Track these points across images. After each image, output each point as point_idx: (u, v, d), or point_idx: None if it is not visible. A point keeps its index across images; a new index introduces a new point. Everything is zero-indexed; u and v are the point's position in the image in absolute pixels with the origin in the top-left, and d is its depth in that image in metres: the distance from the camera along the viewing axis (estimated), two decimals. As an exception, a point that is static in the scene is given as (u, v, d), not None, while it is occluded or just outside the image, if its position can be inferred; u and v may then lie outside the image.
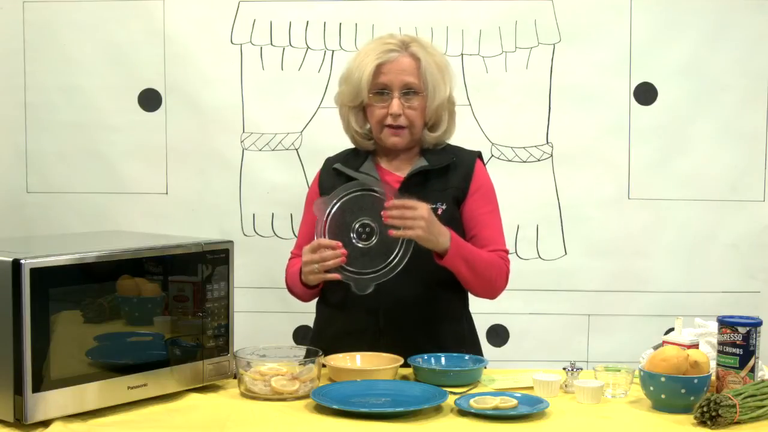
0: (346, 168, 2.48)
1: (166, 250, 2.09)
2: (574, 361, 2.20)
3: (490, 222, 2.47)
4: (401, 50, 2.42)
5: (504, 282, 2.47)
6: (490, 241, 2.45)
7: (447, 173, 2.46)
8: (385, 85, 2.41)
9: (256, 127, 3.44)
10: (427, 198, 2.38)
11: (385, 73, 2.41)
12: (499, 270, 2.44)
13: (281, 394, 2.05)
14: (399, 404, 1.97)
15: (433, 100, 2.42)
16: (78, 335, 1.92)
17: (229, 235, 3.03)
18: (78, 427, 1.86)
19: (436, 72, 2.42)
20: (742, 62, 3.38)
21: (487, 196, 2.49)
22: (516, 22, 3.40)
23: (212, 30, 3.43)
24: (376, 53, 2.41)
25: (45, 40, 3.44)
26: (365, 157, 2.51)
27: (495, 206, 2.51)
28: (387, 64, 2.40)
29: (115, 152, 3.47)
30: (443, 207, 2.41)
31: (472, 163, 2.50)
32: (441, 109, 2.45)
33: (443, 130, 2.48)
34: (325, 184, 2.52)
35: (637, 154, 3.41)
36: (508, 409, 1.94)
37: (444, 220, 2.36)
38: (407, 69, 2.41)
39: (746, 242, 3.43)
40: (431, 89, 2.41)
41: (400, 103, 2.40)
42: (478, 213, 2.46)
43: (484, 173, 2.52)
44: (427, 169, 2.44)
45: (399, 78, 2.40)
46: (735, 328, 2.08)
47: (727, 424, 1.88)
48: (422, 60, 2.41)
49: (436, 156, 2.48)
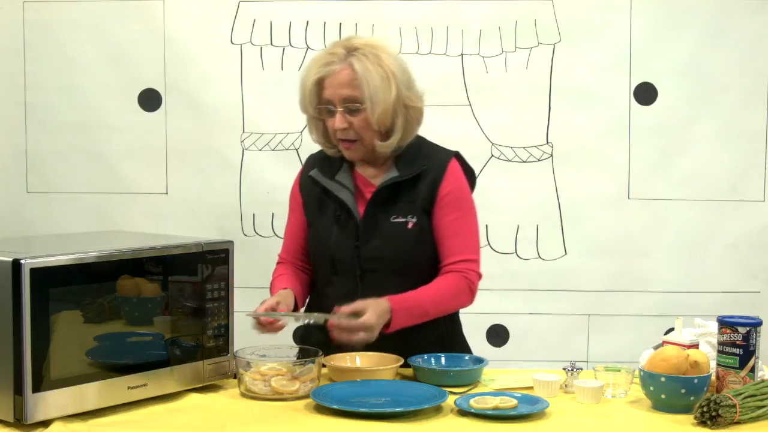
0: (321, 177, 2.43)
1: (166, 250, 2.09)
2: (574, 361, 2.20)
3: (457, 229, 2.40)
4: (341, 61, 2.32)
5: (468, 297, 2.41)
6: (454, 251, 2.38)
7: (417, 182, 2.38)
8: (328, 101, 2.34)
9: (256, 127, 3.44)
10: (398, 211, 2.36)
11: (326, 87, 2.33)
12: (458, 294, 2.38)
13: (281, 394, 2.05)
14: (399, 404, 1.97)
15: (374, 110, 2.30)
16: (78, 335, 1.92)
17: (229, 235, 3.02)
18: (78, 427, 1.86)
19: (376, 80, 2.30)
20: (742, 62, 3.38)
21: (455, 201, 2.40)
22: (516, 22, 3.40)
23: (212, 30, 3.43)
24: (318, 66, 2.34)
25: (45, 40, 3.44)
26: (342, 161, 2.44)
27: (465, 210, 2.42)
28: (328, 78, 2.32)
29: (115, 152, 3.47)
30: (413, 220, 2.36)
31: (443, 167, 2.40)
32: (387, 117, 2.33)
33: (397, 137, 2.36)
34: (304, 188, 2.49)
35: (637, 154, 3.41)
36: (508, 409, 1.94)
37: (414, 235, 2.35)
38: (346, 82, 2.31)
39: (746, 242, 3.43)
40: (369, 100, 2.30)
41: (343, 117, 2.32)
42: (444, 222, 2.38)
43: (455, 176, 2.42)
44: (397, 180, 2.38)
45: (338, 92, 2.31)
46: (735, 328, 2.07)
47: (727, 424, 1.88)
48: (358, 70, 2.30)
49: (408, 164, 2.39)
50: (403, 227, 2.36)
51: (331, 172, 2.44)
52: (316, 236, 2.45)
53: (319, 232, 2.44)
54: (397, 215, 2.37)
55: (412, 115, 2.39)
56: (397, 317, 2.24)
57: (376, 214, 2.38)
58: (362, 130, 2.34)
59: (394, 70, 2.34)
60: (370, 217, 2.38)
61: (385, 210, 2.38)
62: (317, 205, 2.45)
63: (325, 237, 2.41)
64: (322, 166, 2.47)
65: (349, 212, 2.39)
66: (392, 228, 2.37)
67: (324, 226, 2.42)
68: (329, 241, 2.40)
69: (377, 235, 2.37)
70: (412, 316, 2.29)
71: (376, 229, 2.37)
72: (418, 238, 2.36)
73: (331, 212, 2.42)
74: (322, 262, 2.45)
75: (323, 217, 2.43)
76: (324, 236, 2.42)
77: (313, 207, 2.46)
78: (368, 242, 2.37)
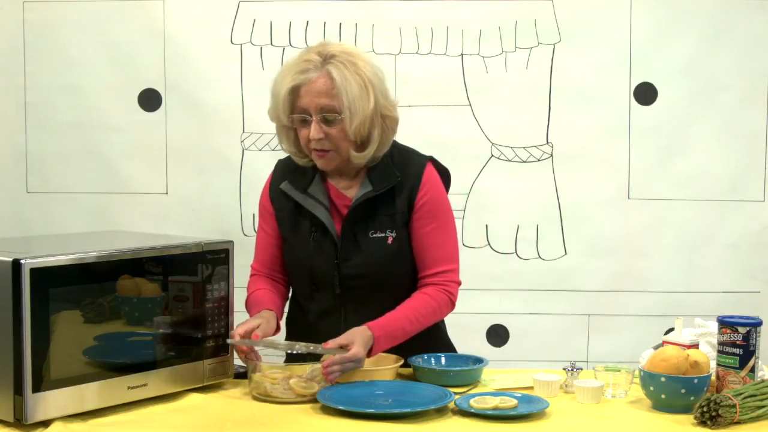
0: (294, 191, 2.35)
1: (166, 250, 2.09)
2: (574, 361, 2.20)
3: (435, 240, 2.34)
4: (318, 69, 2.23)
5: (448, 309, 2.37)
6: (433, 263, 2.34)
7: (393, 195, 2.31)
8: (303, 109, 2.24)
9: (256, 127, 3.44)
10: (376, 226, 2.32)
11: (302, 96, 2.23)
12: (438, 308, 2.33)
13: (304, 396, 2.04)
14: (404, 405, 1.96)
15: (352, 120, 2.22)
16: (78, 335, 1.92)
17: (229, 235, 3.02)
18: (78, 427, 1.86)
19: (354, 89, 2.21)
20: (742, 62, 3.38)
21: (431, 211, 2.33)
22: (516, 22, 3.40)
23: (212, 30, 3.43)
24: (292, 74, 2.24)
25: (45, 40, 3.44)
26: (313, 172, 2.35)
27: (441, 219, 2.35)
28: (304, 86, 2.23)
29: (115, 152, 3.47)
30: (393, 235, 2.32)
31: (419, 176, 2.33)
32: (364, 127, 2.24)
33: (373, 148, 2.28)
34: (275, 201, 2.40)
35: (637, 154, 3.41)
36: (508, 409, 1.94)
37: (394, 250, 2.31)
38: (322, 90, 2.21)
39: (746, 242, 3.43)
40: (347, 109, 2.21)
41: (319, 127, 2.23)
42: (421, 233, 2.33)
43: (431, 184, 2.35)
44: (371, 196, 2.30)
45: (314, 101, 2.22)
46: (735, 328, 2.07)
47: (727, 424, 1.88)
48: (337, 79, 2.21)
49: (381, 177, 2.31)
50: (383, 243, 2.31)
51: (303, 185, 2.36)
52: (293, 253, 2.38)
53: (296, 249, 2.37)
54: (375, 230, 2.31)
55: (389, 125, 2.32)
56: (379, 343, 2.21)
57: (354, 231, 2.32)
58: (338, 140, 2.25)
59: (372, 79, 2.26)
60: (348, 234, 2.32)
61: (363, 226, 2.32)
62: (291, 221, 2.37)
63: (302, 255, 2.35)
64: (293, 179, 2.38)
65: (325, 230, 2.32)
66: (371, 244, 2.31)
67: (300, 243, 2.35)
68: (307, 259, 2.34)
69: (357, 252, 2.31)
70: (393, 338, 2.25)
71: (356, 246, 2.31)
72: (397, 253, 2.32)
73: (306, 228, 2.35)
74: (301, 278, 2.39)
75: (298, 233, 2.36)
76: (301, 254, 2.35)
77: (287, 223, 2.38)
78: (348, 260, 2.31)
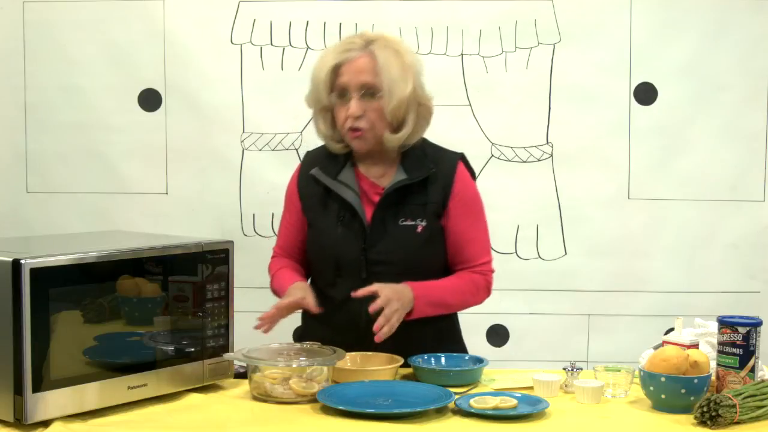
0: (324, 177, 2.40)
1: (166, 250, 2.09)
2: (574, 361, 2.20)
3: (472, 236, 2.41)
4: (360, 49, 2.33)
5: (485, 294, 2.44)
6: (473, 257, 2.40)
7: (426, 186, 2.37)
8: (343, 86, 2.33)
9: (256, 127, 3.44)
10: (406, 214, 2.35)
11: (342, 74, 2.32)
12: (476, 290, 2.41)
13: (304, 396, 2.04)
14: (404, 405, 1.96)
15: (390, 99, 2.31)
16: (78, 335, 1.92)
17: (229, 235, 3.03)
18: (78, 427, 1.86)
19: (395, 70, 2.31)
20: (742, 62, 3.38)
21: (468, 206, 2.41)
22: (516, 22, 3.40)
23: (212, 30, 3.43)
24: (335, 53, 2.35)
25: (45, 40, 3.44)
26: (345, 160, 2.42)
27: (478, 214, 2.44)
28: (345, 65, 2.32)
29: (115, 152, 3.47)
30: (423, 224, 2.36)
31: (452, 171, 2.40)
32: (401, 109, 2.33)
33: (407, 132, 2.36)
34: (303, 189, 2.46)
35: (637, 154, 3.41)
36: (508, 409, 1.94)
37: (423, 238, 2.35)
38: (364, 69, 2.31)
39: (746, 242, 3.43)
40: (387, 88, 2.30)
41: (359, 104, 2.31)
42: (459, 229, 2.39)
43: (465, 180, 2.43)
44: (406, 183, 2.36)
45: (356, 78, 2.31)
46: (735, 328, 2.07)
47: (727, 424, 1.88)
48: (380, 58, 2.31)
49: (416, 167, 2.38)
50: (412, 231, 2.35)
51: (334, 171, 2.41)
52: (319, 238, 2.42)
53: (322, 234, 2.41)
54: (406, 218, 2.36)
55: (423, 114, 2.40)
56: (419, 304, 2.26)
57: (384, 217, 2.36)
58: (375, 119, 2.33)
59: (412, 65, 2.36)
60: (377, 220, 2.36)
61: (393, 213, 2.36)
62: (319, 206, 2.42)
63: (329, 238, 2.39)
64: (323, 165, 2.43)
65: (354, 213, 2.36)
66: (401, 231, 2.35)
67: (327, 227, 2.39)
68: (334, 243, 2.37)
69: (385, 238, 2.35)
70: (432, 304, 2.31)
71: (385, 232, 2.35)
72: (426, 241, 2.36)
73: (334, 213, 2.39)
74: (325, 263, 2.42)
75: (326, 218, 2.40)
76: (328, 238, 2.39)
77: (315, 208, 2.43)
78: (376, 245, 2.35)
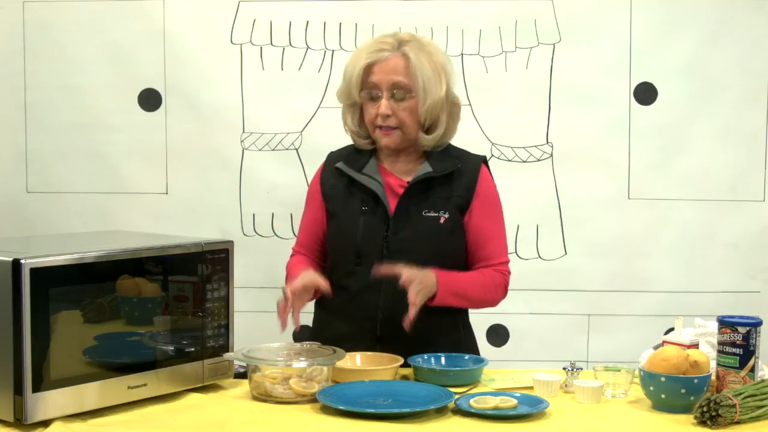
0: (348, 169, 2.44)
1: (166, 250, 2.09)
2: (574, 361, 2.20)
3: (493, 234, 2.45)
4: (393, 50, 2.37)
5: (502, 294, 2.47)
6: (493, 255, 2.44)
7: (451, 180, 2.42)
8: (375, 85, 2.37)
9: (256, 127, 3.44)
10: (430, 205, 2.38)
11: (375, 73, 2.36)
12: (495, 287, 2.44)
13: (304, 396, 2.04)
14: (405, 405, 1.96)
15: (425, 100, 2.35)
16: (78, 335, 1.92)
17: (229, 235, 3.03)
18: (78, 427, 1.86)
19: (428, 71, 2.35)
20: (742, 62, 3.38)
21: (491, 206, 2.46)
22: (516, 22, 3.40)
23: (212, 30, 3.43)
24: (368, 52, 2.38)
25: (45, 40, 3.44)
26: (369, 156, 2.47)
27: (499, 214, 2.48)
28: (378, 64, 2.36)
29: (115, 152, 3.47)
30: (446, 216, 2.39)
31: (477, 170, 2.45)
32: (435, 109, 2.38)
33: (441, 132, 2.41)
34: (327, 182, 2.49)
35: (637, 154, 3.41)
36: (508, 409, 1.94)
37: (446, 230, 2.37)
38: (397, 69, 2.35)
39: (746, 242, 3.43)
40: (422, 89, 2.34)
41: (389, 103, 2.35)
42: (481, 226, 2.43)
43: (488, 180, 2.48)
44: (432, 175, 2.40)
45: (388, 78, 2.35)
46: (735, 328, 2.08)
47: (727, 424, 1.88)
48: (413, 59, 2.34)
49: (441, 161, 2.43)
50: (435, 221, 2.38)
51: (359, 165, 2.45)
52: (339, 227, 2.44)
53: (344, 223, 2.42)
54: (429, 210, 2.38)
55: (455, 112, 2.45)
56: (441, 291, 2.29)
57: (407, 207, 2.38)
58: (405, 119, 2.37)
59: (444, 66, 2.40)
60: (401, 210, 2.38)
61: (417, 202, 2.39)
62: (343, 196, 2.44)
63: (350, 226, 2.40)
64: (348, 160, 2.47)
65: (376, 204, 2.39)
66: (424, 221, 2.38)
67: (349, 216, 2.41)
68: (355, 230, 2.39)
69: (408, 227, 2.37)
70: (454, 293, 2.34)
71: (408, 221, 2.38)
72: (448, 233, 2.38)
73: (357, 202, 2.41)
74: (345, 250, 2.42)
75: (348, 207, 2.42)
76: (350, 225, 2.41)
77: (338, 199, 2.45)
78: (398, 233, 2.37)
